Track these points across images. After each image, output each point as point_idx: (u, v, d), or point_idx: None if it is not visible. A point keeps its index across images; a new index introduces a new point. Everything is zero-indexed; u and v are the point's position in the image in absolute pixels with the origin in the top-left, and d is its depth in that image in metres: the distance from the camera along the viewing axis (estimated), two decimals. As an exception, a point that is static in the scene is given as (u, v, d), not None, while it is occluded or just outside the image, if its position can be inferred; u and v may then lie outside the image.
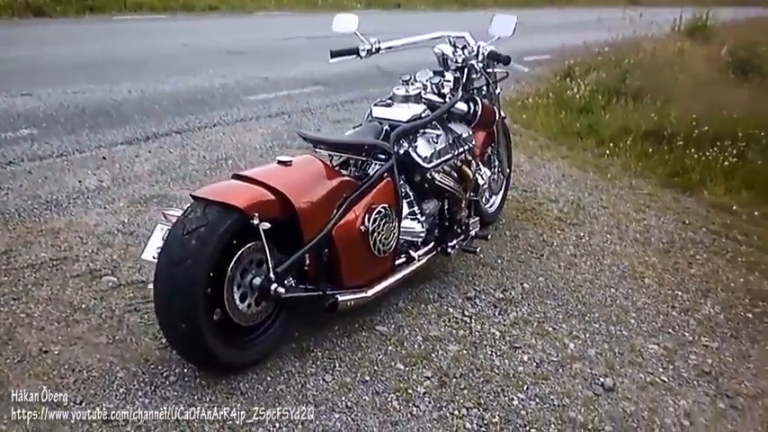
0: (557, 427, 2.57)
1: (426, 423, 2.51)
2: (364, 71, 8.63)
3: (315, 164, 2.86)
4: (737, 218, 5.10)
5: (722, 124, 6.47)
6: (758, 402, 2.89)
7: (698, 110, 6.78)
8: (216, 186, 2.63)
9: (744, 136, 6.18)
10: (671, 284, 3.88)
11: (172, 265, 2.36)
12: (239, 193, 2.53)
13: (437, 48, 3.72)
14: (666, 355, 3.15)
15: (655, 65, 9.00)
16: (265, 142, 5.51)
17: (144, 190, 4.32)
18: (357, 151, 3.06)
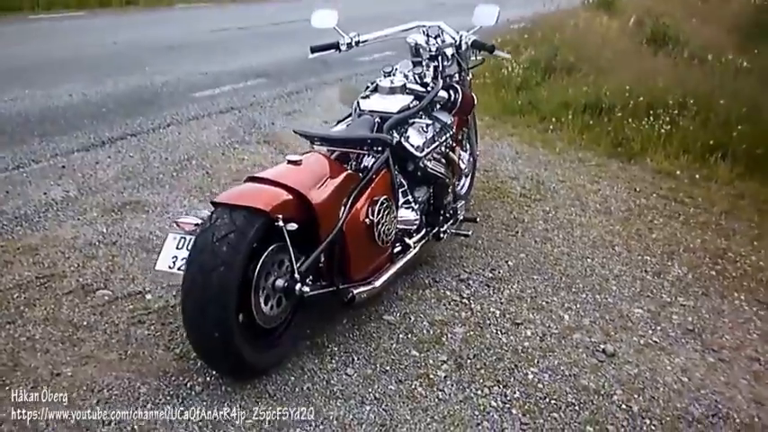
0: (573, 396, 2.67)
1: (455, 405, 2.56)
2: (302, 61, 8.55)
3: (323, 161, 2.85)
4: (681, 182, 5.36)
5: (652, 93, 6.75)
6: (741, 353, 3.08)
7: (628, 81, 7.06)
8: (236, 191, 2.57)
9: (674, 104, 6.47)
10: (638, 250, 4.05)
11: (204, 274, 2.32)
12: (261, 195, 2.50)
13: (410, 38, 3.73)
14: (652, 318, 3.31)
15: (581, 40, 9.28)
16: (223, 139, 5.41)
17: (114, 197, 4.18)
18: (360, 145, 3.05)
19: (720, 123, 6.07)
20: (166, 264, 2.62)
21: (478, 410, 2.55)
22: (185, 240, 2.63)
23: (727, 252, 4.13)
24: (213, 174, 4.66)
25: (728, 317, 3.39)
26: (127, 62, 7.75)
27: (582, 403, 2.63)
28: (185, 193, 4.32)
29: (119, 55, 8.22)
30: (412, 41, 3.73)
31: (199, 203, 4.17)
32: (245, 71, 7.72)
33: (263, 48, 9.12)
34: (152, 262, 3.37)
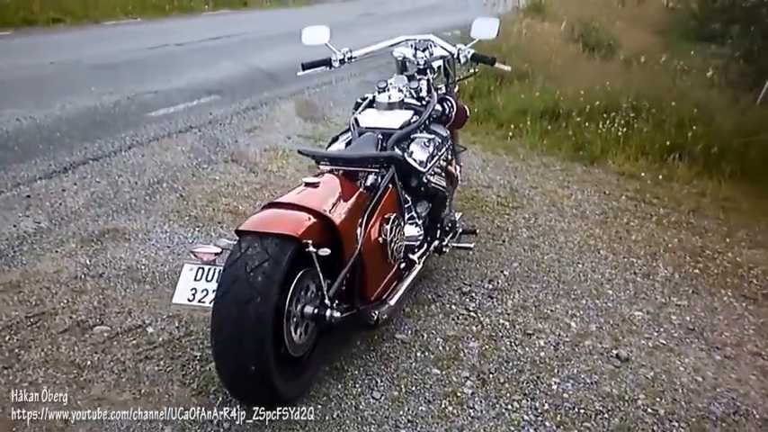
0: (600, 403, 2.68)
1: (489, 423, 2.54)
2: (250, 75, 8.48)
3: (337, 181, 2.78)
4: (645, 183, 5.51)
5: (606, 97, 6.93)
6: (743, 349, 3.17)
7: (579, 86, 7.23)
8: (261, 218, 2.47)
9: (627, 107, 6.66)
10: (622, 253, 4.14)
11: (239, 306, 2.22)
12: (288, 221, 2.41)
13: (397, 51, 3.69)
14: (653, 319, 3.37)
15: (527, 46, 9.46)
16: (189, 160, 5.24)
17: (90, 226, 3.98)
18: (371, 164, 2.98)
19: (674, 125, 6.27)
20: (185, 297, 2.51)
21: (513, 426, 2.53)
22: (204, 271, 2.53)
23: (705, 250, 4.26)
24: (188, 196, 4.51)
25: (722, 314, 3.49)
26: (70, 83, 7.42)
27: (610, 410, 2.65)
28: (163, 217, 4.16)
29: (59, 75, 7.87)
30: (399, 55, 3.70)
31: (179, 228, 4.02)
32: (195, 88, 7.52)
33: (205, 64, 8.91)
34: (145, 293, 3.25)
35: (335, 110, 7.28)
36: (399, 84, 3.55)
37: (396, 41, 3.76)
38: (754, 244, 4.45)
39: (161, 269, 3.53)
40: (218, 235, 3.97)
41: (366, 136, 3.21)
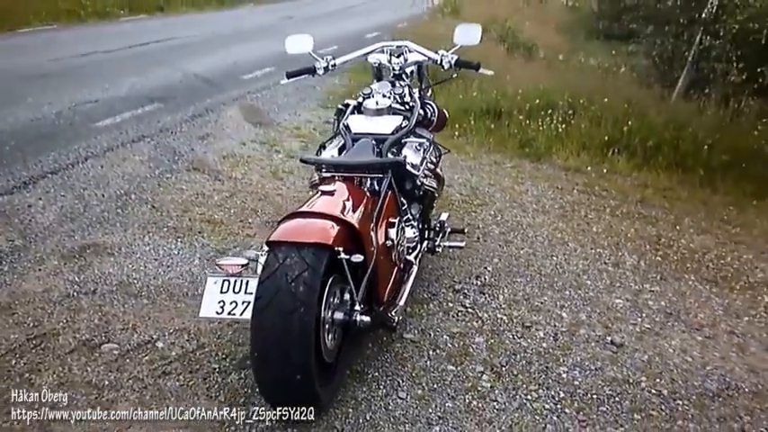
0: (609, 388, 2.82)
1: (514, 414, 2.62)
2: (188, 82, 8.29)
3: (348, 188, 2.78)
4: (590, 177, 5.77)
5: (543, 96, 7.18)
6: (718, 329, 3.40)
7: (515, 85, 7.47)
8: (291, 228, 2.44)
9: (564, 105, 6.94)
10: (588, 244, 4.33)
11: (283, 317, 2.21)
12: (318, 230, 2.41)
13: (372, 57, 3.72)
14: (633, 306, 3.56)
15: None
16: (151, 170, 5.08)
17: (67, 242, 3.82)
18: (378, 170, 2.99)
19: (610, 120, 6.58)
20: (213, 310, 2.46)
21: (537, 415, 2.63)
22: (230, 283, 2.49)
23: (661, 238, 4.52)
24: (160, 207, 4.38)
25: (691, 297, 3.71)
26: (4, 94, 7.02)
27: (619, 394, 2.79)
28: (141, 230, 4.03)
29: (-13, 85, 7.44)
30: (375, 61, 3.73)
31: (161, 240, 3.92)
32: (136, 96, 7.27)
33: (140, 71, 8.62)
34: (144, 307, 3.17)
35: (281, 114, 7.22)
36: (383, 90, 3.58)
37: (373, 48, 3.78)
38: (701, 230, 4.75)
39: (155, 282, 3.43)
40: (201, 245, 3.89)
41: (362, 142, 3.22)
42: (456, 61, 3.54)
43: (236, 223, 4.24)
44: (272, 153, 5.77)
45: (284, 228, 2.47)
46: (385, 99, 3.48)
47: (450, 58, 3.55)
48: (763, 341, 3.31)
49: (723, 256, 4.29)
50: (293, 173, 5.27)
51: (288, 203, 4.61)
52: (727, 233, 4.75)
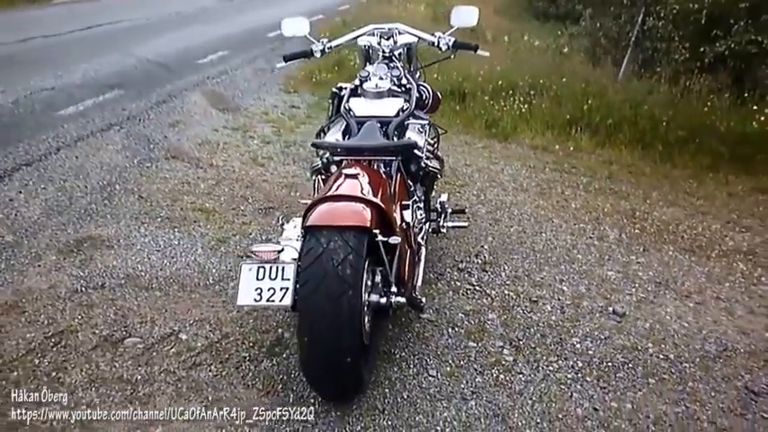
0: (621, 355, 2.96)
1: (540, 384, 2.73)
2: (143, 68, 8.07)
3: (367, 171, 2.78)
4: (558, 155, 5.94)
5: (503, 77, 7.31)
6: (705, 295, 3.59)
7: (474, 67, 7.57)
8: (327, 213, 2.44)
9: (524, 85, 7.08)
10: (571, 220, 4.47)
11: (332, 301, 2.23)
12: (356, 213, 2.42)
13: (362, 40, 3.72)
14: (625, 277, 3.71)
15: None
16: (128, 159, 4.95)
17: (60, 236, 3.70)
18: (392, 152, 3.01)
19: (570, 100, 6.76)
20: (251, 298, 2.44)
21: (562, 384, 2.74)
22: (265, 270, 2.47)
23: (635, 212, 4.71)
24: (147, 197, 4.29)
25: (675, 266, 3.90)
26: (-50, 83, 6.67)
27: (631, 361, 2.93)
28: (135, 221, 3.94)
29: (-70, 75, 7.04)
30: (365, 44, 3.72)
31: (158, 230, 3.85)
32: (93, 83, 7.02)
33: (90, 56, 8.31)
34: (158, 300, 3.13)
35: (246, 99, 7.12)
36: (380, 72, 3.58)
37: (365, 30, 3.77)
38: (669, 203, 4.96)
39: (163, 274, 3.38)
40: (200, 235, 3.84)
41: (368, 125, 3.21)
42: (454, 43, 3.56)
43: (228, 211, 4.19)
44: (246, 139, 5.69)
45: (320, 212, 2.46)
46: (384, 81, 3.49)
47: (447, 39, 3.57)
48: (746, 304, 3.51)
49: (694, 226, 4.51)
50: (273, 159, 5.23)
51: (276, 190, 4.59)
52: (693, 205, 4.98)
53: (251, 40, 10.69)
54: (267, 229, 3.96)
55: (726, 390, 2.79)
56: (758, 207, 4.99)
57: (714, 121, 6.21)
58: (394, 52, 3.71)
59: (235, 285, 3.31)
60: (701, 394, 2.74)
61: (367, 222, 2.39)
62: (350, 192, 2.56)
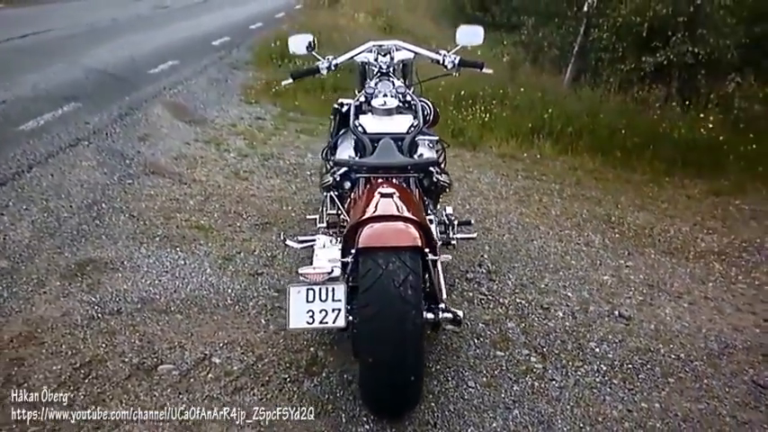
0: (638, 357, 3.09)
1: (574, 389, 2.82)
2: (94, 78, 7.82)
3: (400, 189, 2.79)
4: (526, 163, 6.12)
5: (463, 87, 7.44)
6: (694, 296, 3.78)
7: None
8: (379, 234, 2.43)
9: (484, 95, 7.24)
10: (555, 226, 4.62)
11: (397, 322, 2.25)
12: (407, 234, 2.44)
13: (360, 56, 3.74)
14: (620, 281, 3.87)
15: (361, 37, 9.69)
16: (107, 176, 4.78)
17: (59, 260, 3.55)
18: (415, 169, 3.04)
19: (528, 109, 6.96)
20: (303, 321, 2.43)
21: (593, 388, 2.84)
22: (315, 292, 2.47)
23: (611, 217, 4.91)
24: (139, 216, 4.15)
25: (660, 269, 4.10)
26: None
27: (649, 361, 3.07)
28: (132, 242, 3.82)
29: None
30: (364, 60, 3.75)
31: (159, 251, 3.74)
32: (46, 96, 6.71)
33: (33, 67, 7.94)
34: (181, 323, 3.07)
35: (209, 111, 6.98)
36: (385, 89, 3.61)
37: (366, 47, 3.79)
38: (638, 207, 5.20)
39: (178, 296, 3.29)
40: (203, 253, 3.76)
41: (384, 142, 3.21)
42: (460, 61, 3.61)
43: (225, 228, 4.12)
44: (222, 152, 5.59)
45: (370, 234, 2.46)
46: (392, 98, 3.52)
47: (452, 58, 3.62)
48: (732, 303, 3.73)
49: (666, 229, 4.74)
50: (255, 173, 5.16)
51: (267, 204, 4.53)
52: (659, 208, 5.23)
53: (197, 49, 10.47)
54: (269, 245, 3.91)
55: (736, 385, 2.95)
56: (716, 209, 5.29)
57: (666, 129, 6.53)
58: (391, 68, 3.75)
59: (255, 305, 3.29)
60: (716, 390, 2.90)
61: (419, 242, 2.42)
62: (393, 212, 2.57)
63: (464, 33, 3.66)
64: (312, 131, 6.51)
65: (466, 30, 3.68)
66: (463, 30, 3.68)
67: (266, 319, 3.17)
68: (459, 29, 3.69)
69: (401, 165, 3.01)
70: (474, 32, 3.66)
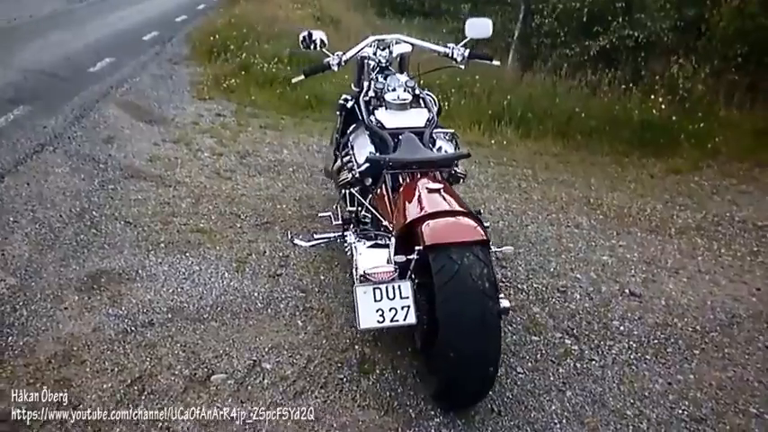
0: (659, 332, 3.26)
1: (614, 367, 2.97)
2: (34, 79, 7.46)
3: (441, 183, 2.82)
4: (493, 149, 6.24)
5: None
6: (688, 270, 3.99)
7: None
8: (445, 229, 2.46)
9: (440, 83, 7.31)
10: (541, 211, 4.76)
11: (479, 315, 2.31)
12: (472, 228, 2.50)
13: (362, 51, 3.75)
14: (619, 261, 4.04)
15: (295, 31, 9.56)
16: (86, 182, 4.57)
17: (69, 273, 3.39)
18: (448, 164, 3.07)
19: (488, 96, 7.10)
20: (373, 320, 2.46)
21: (630, 365, 2.99)
22: (381, 291, 2.49)
23: (589, 199, 5.09)
24: (135, 222, 4.01)
25: (650, 246, 4.29)
26: None
27: (671, 336, 3.24)
28: (138, 249, 3.69)
29: None
30: (364, 54, 3.74)
31: (170, 257, 3.63)
32: (-9, 100, 6.33)
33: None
34: (219, 330, 3.01)
35: (165, 109, 6.74)
36: (394, 83, 3.62)
37: (369, 41, 3.78)
38: (611, 188, 5.41)
39: (206, 303, 3.22)
40: (215, 257, 3.68)
41: (407, 137, 3.23)
42: (469, 54, 3.65)
43: (227, 230, 4.03)
44: (194, 152, 5.43)
45: (437, 230, 2.49)
46: (405, 93, 3.53)
47: (461, 50, 3.65)
48: (724, 274, 3.95)
49: (643, 208, 4.97)
50: (236, 171, 5.06)
51: (260, 203, 4.46)
52: (629, 188, 5.47)
53: (129, 45, 10.05)
54: (277, 245, 3.86)
55: (753, 352, 3.17)
56: (680, 186, 5.57)
57: (620, 111, 6.81)
58: (389, 63, 3.76)
59: (286, 306, 3.26)
60: (737, 358, 3.10)
61: (485, 236, 2.47)
62: (450, 207, 2.60)
63: (473, 26, 3.70)
64: (277, 126, 6.41)
65: (474, 22, 3.72)
66: (472, 22, 3.72)
67: (302, 320, 3.14)
68: (467, 21, 3.73)
69: (441, 159, 3.05)
70: (483, 25, 3.71)
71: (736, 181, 5.72)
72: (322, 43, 3.59)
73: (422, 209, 2.63)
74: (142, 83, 7.75)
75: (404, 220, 2.62)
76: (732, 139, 6.51)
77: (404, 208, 2.73)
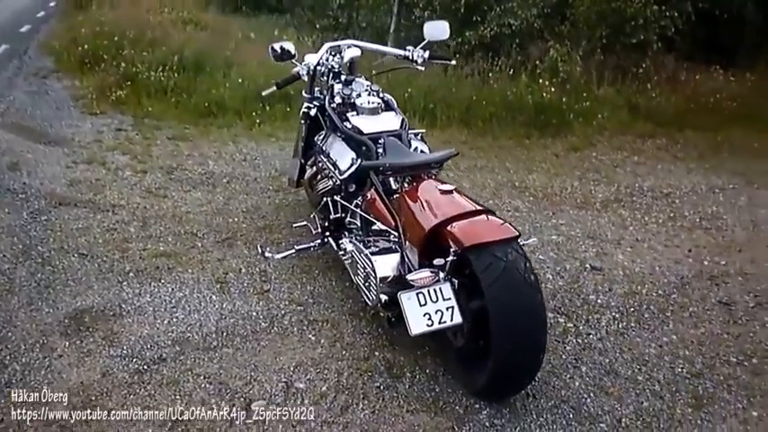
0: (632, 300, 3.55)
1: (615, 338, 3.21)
2: None
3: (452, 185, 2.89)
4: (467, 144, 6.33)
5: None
6: (628, 240, 4.34)
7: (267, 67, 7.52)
8: (478, 229, 2.53)
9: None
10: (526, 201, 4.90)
11: (529, 307, 2.43)
12: (503, 225, 2.61)
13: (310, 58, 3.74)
14: (568, 239, 4.29)
15: (175, 37, 9.14)
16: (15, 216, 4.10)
17: (44, 317, 3.09)
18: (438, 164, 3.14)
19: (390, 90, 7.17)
20: (423, 324, 2.51)
21: (623, 334, 3.24)
22: (425, 295, 2.54)
23: (514, 182, 5.34)
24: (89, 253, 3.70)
25: (587, 222, 4.59)
26: None
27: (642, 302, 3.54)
28: (108, 283, 3.42)
29: None
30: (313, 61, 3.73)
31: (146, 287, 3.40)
32: None
33: None
34: (242, 355, 2.93)
35: (57, 127, 6.14)
36: (360, 88, 3.64)
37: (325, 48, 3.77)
38: (527, 170, 5.68)
39: (208, 330, 3.07)
40: (193, 281, 3.50)
41: (391, 141, 3.30)
42: (430, 56, 3.73)
43: (190, 251, 3.84)
44: (113, 172, 5.03)
45: (469, 231, 2.55)
46: (374, 97, 3.56)
47: (421, 52, 3.72)
48: (657, 240, 4.32)
49: (564, 186, 5.31)
50: (168, 188, 4.79)
51: (209, 219, 4.28)
52: (542, 169, 5.80)
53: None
54: (250, 261, 3.74)
55: (710, 307, 3.54)
56: (584, 162, 6.01)
57: (513, 96, 7.17)
58: (342, 67, 3.78)
59: (290, 322, 3.18)
60: (701, 315, 3.46)
61: (516, 231, 2.57)
62: (472, 207, 2.68)
63: (432, 28, 3.77)
64: (185, 137, 6.11)
65: (433, 25, 3.80)
66: (431, 25, 3.79)
67: (313, 335, 3.09)
68: (426, 24, 3.80)
69: (435, 161, 3.11)
70: (441, 27, 3.80)
71: (627, 153, 6.28)
72: (291, 55, 3.53)
73: (443, 211, 2.68)
74: (18, 101, 7.03)
75: (426, 224, 2.66)
76: (612, 115, 7.12)
77: (416, 212, 2.76)
